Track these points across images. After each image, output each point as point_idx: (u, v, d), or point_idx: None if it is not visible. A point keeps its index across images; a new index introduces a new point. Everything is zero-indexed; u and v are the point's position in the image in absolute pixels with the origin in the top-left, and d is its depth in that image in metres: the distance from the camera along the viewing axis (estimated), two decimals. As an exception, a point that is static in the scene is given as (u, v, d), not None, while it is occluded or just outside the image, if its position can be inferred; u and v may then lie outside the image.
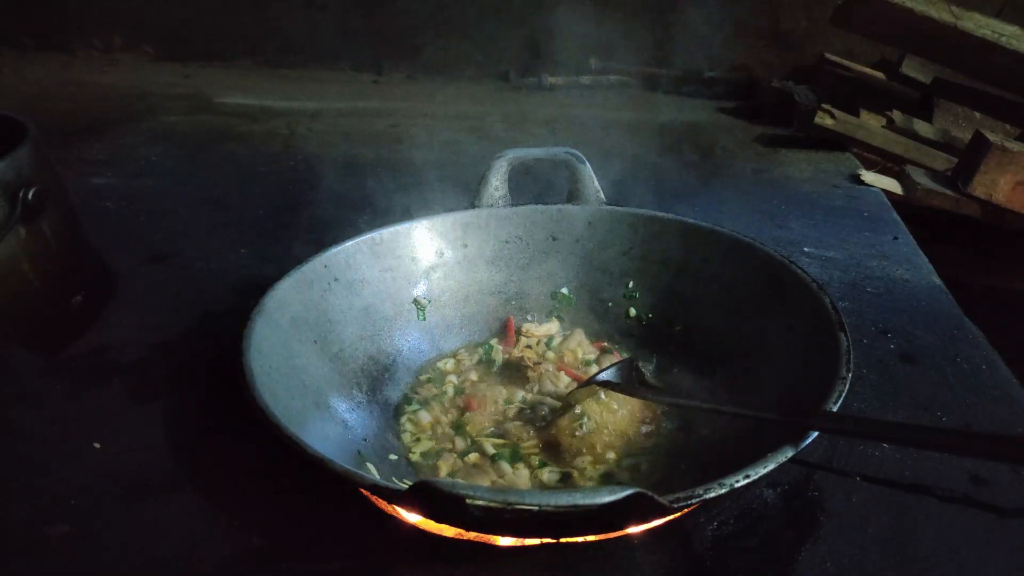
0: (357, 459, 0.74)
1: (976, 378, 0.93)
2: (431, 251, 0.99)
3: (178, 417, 0.86)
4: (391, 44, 2.49)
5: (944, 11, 1.57)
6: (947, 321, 1.07)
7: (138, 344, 1.00)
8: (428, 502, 0.55)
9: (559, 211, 1.02)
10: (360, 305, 0.91)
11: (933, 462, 0.78)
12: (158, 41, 2.58)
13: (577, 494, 0.50)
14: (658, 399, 0.82)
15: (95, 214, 1.36)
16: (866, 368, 0.95)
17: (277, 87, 2.37)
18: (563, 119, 2.08)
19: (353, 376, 0.85)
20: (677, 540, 0.69)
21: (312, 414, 0.74)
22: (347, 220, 1.34)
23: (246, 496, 0.74)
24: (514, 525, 0.60)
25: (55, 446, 0.81)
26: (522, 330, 0.98)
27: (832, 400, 0.64)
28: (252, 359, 0.70)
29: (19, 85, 2.33)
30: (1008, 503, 0.73)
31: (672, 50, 2.39)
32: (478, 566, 0.67)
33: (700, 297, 0.93)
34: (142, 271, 1.20)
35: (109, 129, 1.91)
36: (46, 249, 0.98)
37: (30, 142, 0.94)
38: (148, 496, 0.75)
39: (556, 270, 1.02)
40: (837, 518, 0.71)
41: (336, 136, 1.91)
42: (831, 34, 2.13)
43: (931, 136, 1.78)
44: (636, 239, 1.00)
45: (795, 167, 1.72)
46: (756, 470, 0.57)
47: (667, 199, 1.52)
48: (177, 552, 0.68)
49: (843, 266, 1.23)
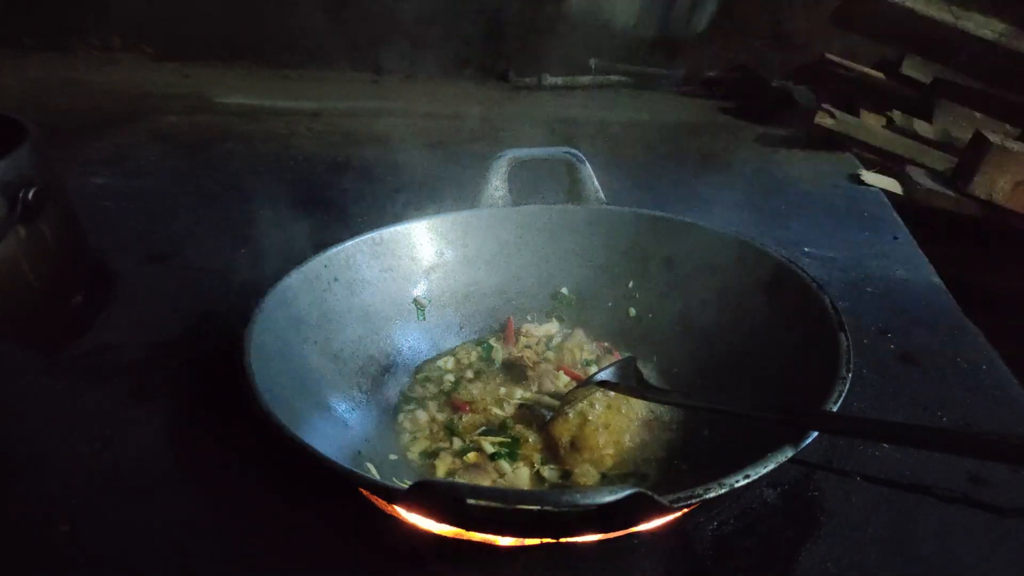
0: (357, 459, 0.74)
1: (976, 378, 0.93)
2: (431, 251, 0.99)
3: (178, 417, 0.86)
4: (391, 44, 2.49)
5: (944, 11, 1.57)
6: (947, 321, 1.07)
7: (138, 344, 1.00)
8: (428, 502, 0.55)
9: (559, 211, 1.02)
10: (360, 305, 0.91)
11: (933, 462, 0.78)
12: (158, 41, 2.58)
13: (577, 494, 0.50)
14: (658, 399, 0.82)
15: (95, 214, 1.36)
16: (866, 368, 0.95)
17: (277, 87, 2.37)
18: (563, 119, 2.08)
19: (353, 376, 0.85)
20: (677, 540, 0.69)
21: (312, 414, 0.74)
22: (347, 220, 1.35)
23: (246, 496, 0.74)
24: (514, 525, 0.60)
25: (55, 446, 0.81)
26: (522, 330, 0.98)
27: (832, 400, 0.64)
28: (252, 359, 0.70)
29: (19, 85, 2.33)
30: (1008, 503, 0.73)
31: (672, 50, 2.39)
32: (478, 566, 0.67)
33: (700, 297, 0.93)
34: (142, 271, 1.20)
35: (109, 129, 1.91)
36: (46, 249, 0.98)
37: (30, 142, 0.94)
38: (148, 496, 0.75)
39: (556, 270, 1.02)
40: (837, 518, 0.71)
41: (336, 136, 1.91)
42: (831, 34, 2.13)
43: (931, 136, 1.78)
44: (636, 239, 1.00)
45: (795, 167, 1.71)
46: (756, 470, 0.57)
47: (667, 199, 1.52)
48: (177, 552, 0.68)
49: (843, 266, 1.23)
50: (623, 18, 2.09)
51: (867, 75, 2.10)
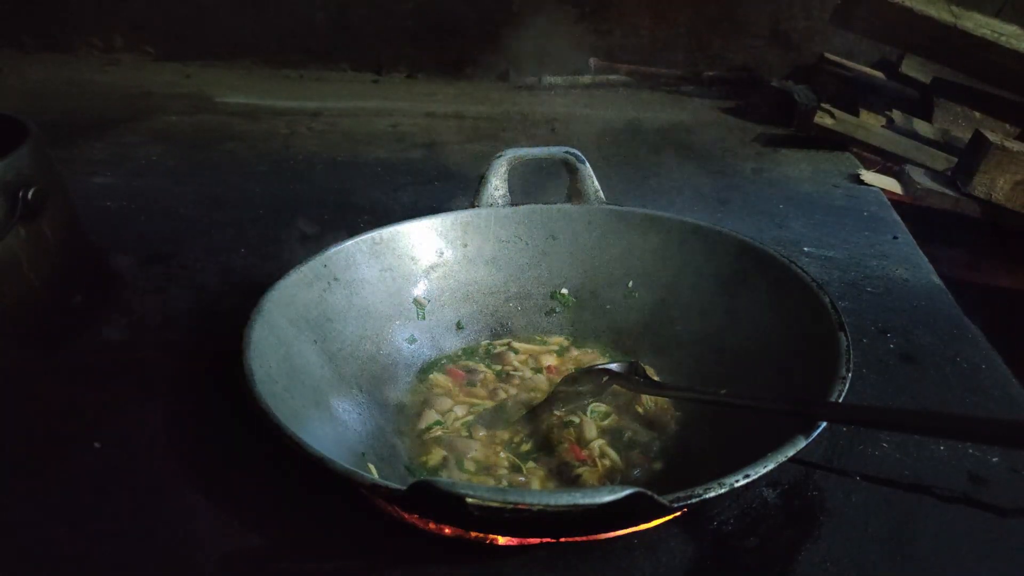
0: (357, 459, 0.74)
1: (976, 378, 0.93)
2: (431, 251, 0.99)
3: (178, 417, 0.86)
4: (390, 44, 2.49)
5: (944, 11, 1.57)
6: (947, 321, 1.07)
7: (138, 344, 1.00)
8: (428, 502, 0.55)
9: (559, 211, 1.02)
10: (360, 305, 0.91)
11: (933, 461, 0.78)
12: (159, 41, 2.58)
13: (577, 493, 0.51)
14: (660, 392, 0.82)
15: (95, 214, 1.36)
16: (866, 368, 0.95)
17: (277, 87, 2.37)
18: (563, 119, 2.08)
19: (353, 376, 0.85)
20: (677, 540, 0.69)
21: (312, 414, 0.74)
22: (347, 220, 1.35)
23: (246, 496, 0.74)
24: (514, 525, 0.60)
25: (55, 446, 0.81)
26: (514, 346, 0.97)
27: (832, 400, 0.64)
28: (252, 359, 0.70)
29: (19, 85, 2.33)
30: (1008, 503, 0.73)
31: (672, 50, 2.39)
32: (478, 566, 0.67)
33: (700, 297, 0.93)
34: (142, 271, 1.20)
35: (109, 129, 1.91)
36: (46, 249, 0.98)
37: (30, 142, 0.94)
38: (148, 496, 0.75)
39: (556, 270, 1.02)
40: (837, 518, 0.71)
41: (336, 136, 1.91)
42: (831, 34, 2.13)
43: (931, 136, 1.78)
44: (636, 239, 1.00)
45: (795, 167, 1.72)
46: (756, 470, 0.57)
47: (667, 198, 1.52)
48: (177, 552, 0.68)
49: (843, 266, 1.23)
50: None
51: (867, 75, 2.10)
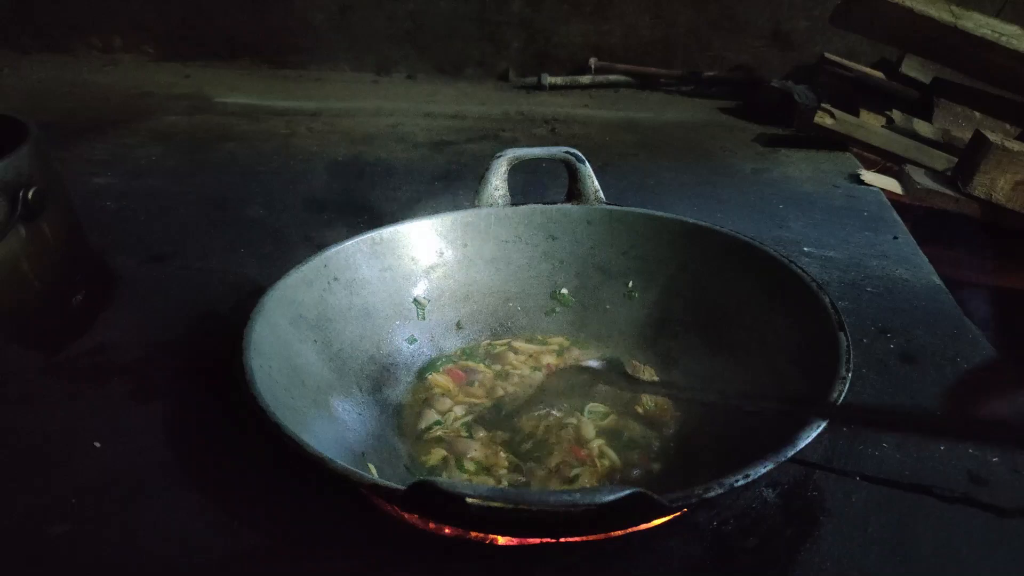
0: (357, 459, 0.74)
1: (976, 378, 0.93)
2: (431, 251, 0.99)
3: (178, 417, 0.86)
4: (390, 44, 2.49)
5: (944, 11, 1.57)
6: (947, 321, 1.07)
7: (138, 344, 1.00)
8: (428, 502, 0.55)
9: (559, 211, 1.02)
10: (360, 305, 0.91)
11: (933, 461, 0.78)
12: (158, 41, 2.58)
13: (577, 494, 0.51)
14: (660, 392, 0.82)
15: (95, 214, 1.36)
16: (866, 368, 0.95)
17: (277, 87, 2.37)
18: (563, 119, 2.08)
19: (353, 376, 0.85)
20: (677, 540, 0.69)
21: (312, 414, 0.74)
22: (347, 220, 1.35)
23: (246, 496, 0.74)
24: (514, 525, 0.60)
25: (55, 446, 0.81)
26: (514, 346, 0.97)
27: (832, 400, 0.64)
28: (252, 359, 0.70)
29: (19, 85, 2.33)
30: (1008, 503, 0.73)
31: (672, 50, 2.39)
32: (478, 566, 0.67)
33: (699, 297, 0.93)
34: (142, 271, 1.20)
35: (109, 129, 1.91)
36: (46, 249, 0.98)
37: (30, 142, 0.94)
38: (148, 496, 0.75)
39: (556, 270, 1.02)
40: (837, 518, 0.71)
41: (336, 136, 1.91)
42: (831, 34, 2.13)
43: (931, 136, 1.78)
44: (636, 239, 1.00)
45: (795, 167, 1.72)
46: (756, 470, 0.57)
47: (667, 198, 1.52)
48: (177, 552, 0.68)
49: (843, 266, 1.23)
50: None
51: (867, 75, 2.10)
